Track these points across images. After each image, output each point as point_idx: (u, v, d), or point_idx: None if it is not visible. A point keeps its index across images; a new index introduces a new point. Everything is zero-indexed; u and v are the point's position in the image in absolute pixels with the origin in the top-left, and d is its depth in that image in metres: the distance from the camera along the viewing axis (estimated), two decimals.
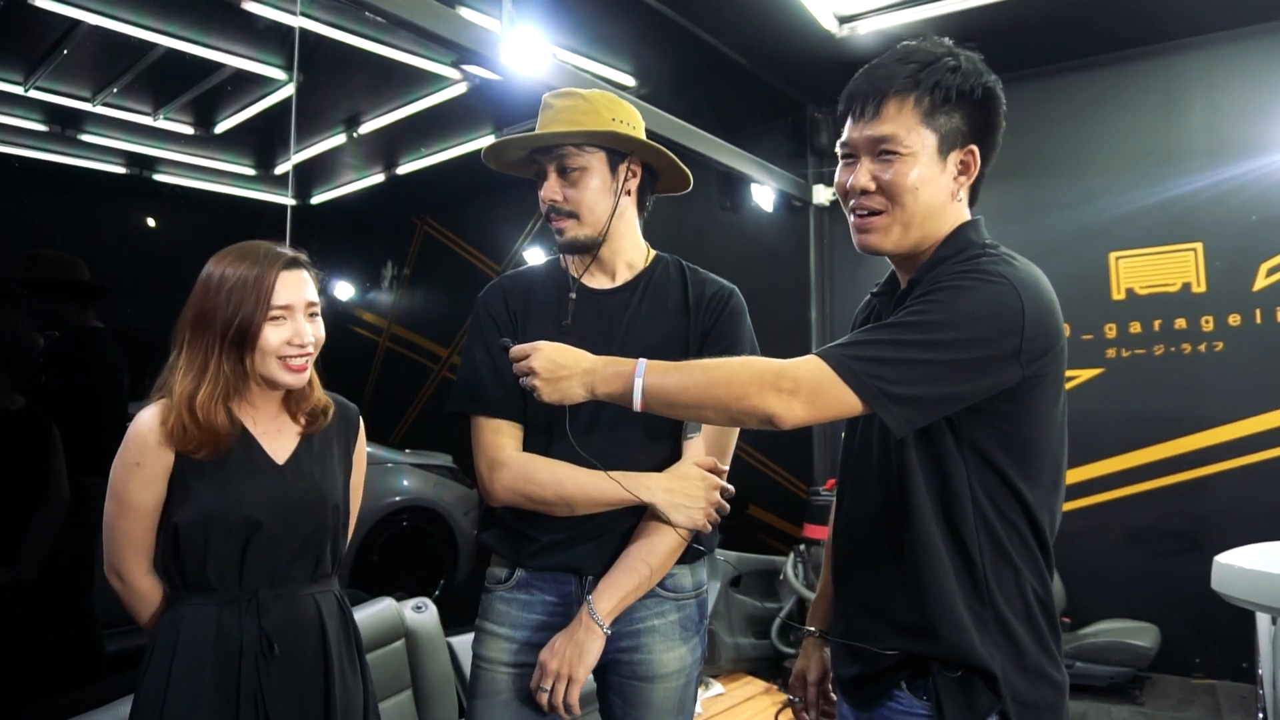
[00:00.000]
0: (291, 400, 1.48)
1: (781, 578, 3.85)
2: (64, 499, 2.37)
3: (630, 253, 1.52)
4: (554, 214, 1.45)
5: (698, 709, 3.17)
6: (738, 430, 1.47)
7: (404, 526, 4.45)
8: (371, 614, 2.33)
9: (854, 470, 1.24)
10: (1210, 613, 3.43)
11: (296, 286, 1.40)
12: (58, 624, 2.48)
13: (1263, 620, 2.43)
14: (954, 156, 1.15)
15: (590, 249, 1.47)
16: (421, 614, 2.43)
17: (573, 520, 1.41)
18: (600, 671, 1.47)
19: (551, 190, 1.44)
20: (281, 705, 1.35)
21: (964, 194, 1.18)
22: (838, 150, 1.22)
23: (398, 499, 4.51)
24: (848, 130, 1.18)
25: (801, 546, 3.81)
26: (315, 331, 1.43)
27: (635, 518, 1.42)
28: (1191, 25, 3.87)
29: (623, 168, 1.48)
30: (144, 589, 1.40)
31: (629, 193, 1.49)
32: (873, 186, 1.15)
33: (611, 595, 1.38)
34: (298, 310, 1.40)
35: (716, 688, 3.45)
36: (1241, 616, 3.01)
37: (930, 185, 1.14)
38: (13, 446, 2.33)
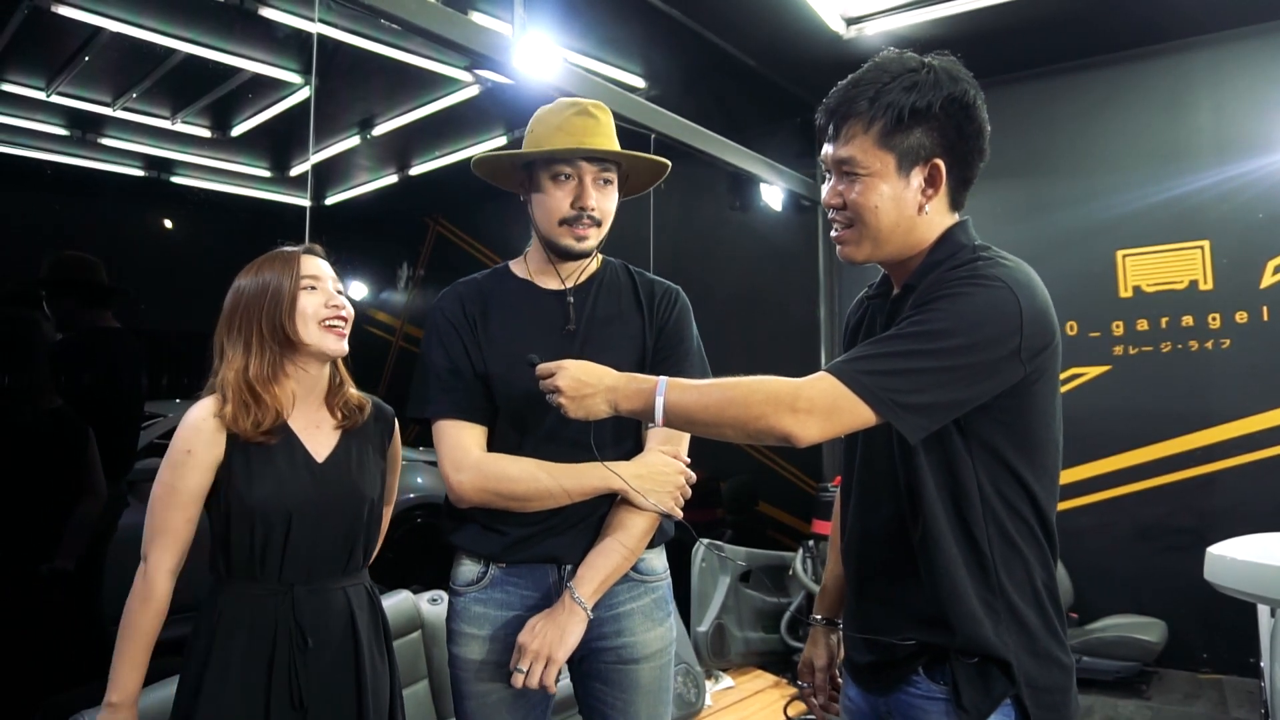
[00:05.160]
0: (331, 395, 1.55)
1: (791, 573, 3.89)
2: (102, 494, 2.43)
3: (593, 258, 1.60)
4: (586, 221, 1.49)
5: (708, 701, 3.22)
6: None
7: (418, 523, 4.52)
8: (389, 606, 2.37)
9: (860, 473, 1.28)
10: (1217, 608, 3.44)
11: (320, 265, 1.52)
12: (71, 618, 2.54)
13: (1264, 613, 2.46)
14: (917, 172, 1.19)
15: (590, 256, 1.55)
16: (437, 606, 2.48)
17: (546, 512, 1.45)
18: (581, 661, 1.50)
19: (594, 197, 1.49)
20: (316, 693, 1.41)
21: (936, 204, 1.21)
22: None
23: (412, 496, 4.57)
24: (822, 151, 1.25)
25: (810, 542, 3.86)
26: (346, 302, 1.51)
27: (607, 505, 1.47)
28: (1198, 24, 3.89)
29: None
30: (161, 589, 1.38)
31: None
32: (840, 203, 1.21)
33: (592, 578, 1.42)
34: (325, 281, 1.50)
35: (726, 681, 3.50)
36: (1247, 612, 3.04)
37: (892, 202, 1.19)
38: (52, 444, 2.40)
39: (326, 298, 1.48)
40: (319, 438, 1.51)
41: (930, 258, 1.21)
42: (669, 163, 1.58)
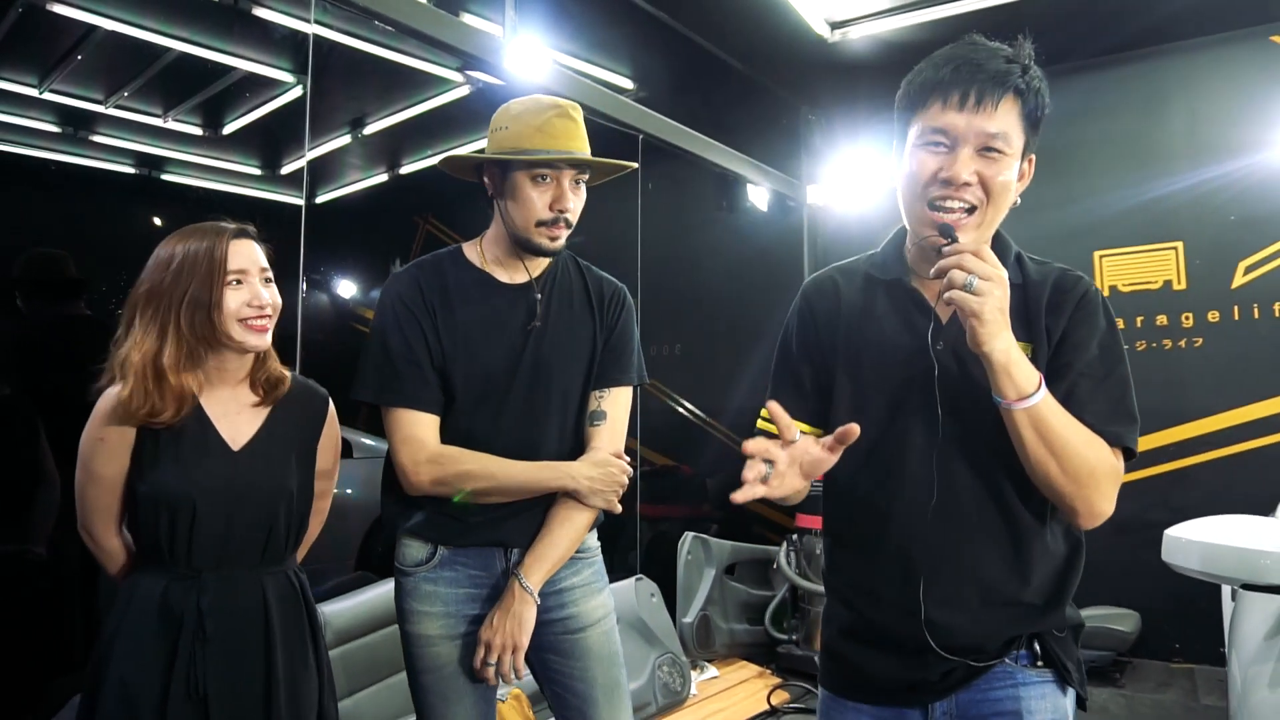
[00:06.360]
0: (255, 371, 1.50)
1: (775, 566, 3.96)
2: (56, 479, 2.46)
3: None
4: (562, 223, 1.53)
5: (693, 690, 3.29)
6: (629, 413, 1.63)
7: None
8: (380, 594, 2.44)
9: (943, 462, 1.16)
10: (1190, 600, 3.55)
11: (248, 254, 1.45)
12: (64, 610, 2.58)
13: (1227, 599, 2.55)
14: (1024, 164, 1.18)
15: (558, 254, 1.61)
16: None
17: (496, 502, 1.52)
18: (531, 636, 1.56)
19: (571, 200, 1.53)
20: (217, 682, 1.38)
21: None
22: (920, 132, 1.14)
23: None
24: (945, 116, 1.11)
25: (794, 536, 3.92)
26: (271, 296, 1.46)
27: (553, 494, 1.55)
28: (1172, 31, 3.99)
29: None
30: (112, 547, 1.49)
31: None
32: (974, 181, 1.11)
33: (539, 567, 1.51)
34: (252, 275, 1.44)
35: (711, 671, 3.56)
36: (1217, 603, 3.12)
37: (1013, 188, 1.15)
38: (2, 432, 2.41)
39: (251, 295, 1.43)
40: (238, 423, 1.48)
41: (1012, 252, 1.22)
42: (635, 164, 1.64)
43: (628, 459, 1.58)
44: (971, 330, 1.03)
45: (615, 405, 1.61)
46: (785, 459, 1.04)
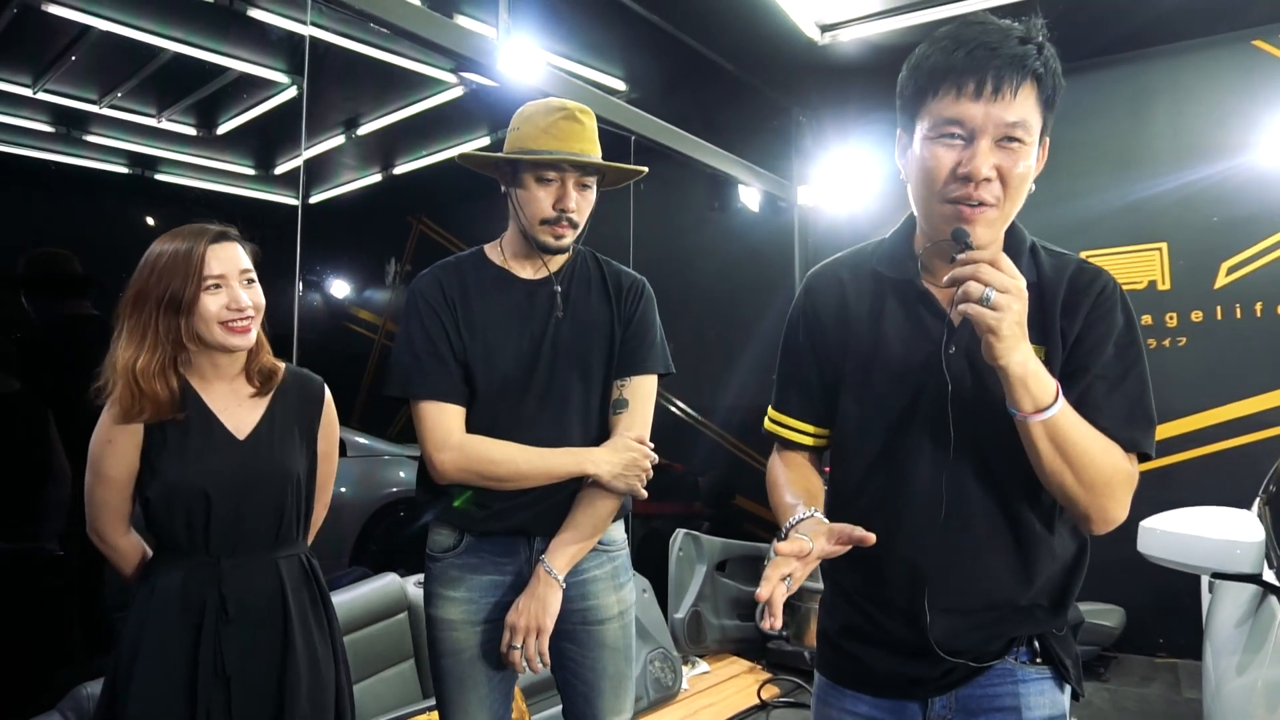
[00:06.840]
0: (249, 363, 1.55)
1: (766, 563, 3.99)
2: (67, 474, 2.48)
3: None
4: (565, 222, 1.57)
5: (684, 685, 3.33)
6: (653, 402, 1.65)
7: (401, 516, 4.59)
8: (377, 588, 2.48)
9: (953, 475, 1.14)
10: (1173, 595, 3.60)
11: (228, 257, 1.48)
12: (71, 603, 2.60)
13: (1205, 591, 2.61)
14: (1040, 148, 1.11)
15: (566, 252, 1.65)
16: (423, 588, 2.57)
17: (519, 489, 1.55)
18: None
19: (574, 201, 1.56)
20: (239, 662, 1.45)
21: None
22: (933, 123, 1.08)
23: (395, 490, 4.65)
24: (961, 106, 1.05)
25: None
26: (253, 297, 1.50)
27: (576, 482, 1.58)
28: (1157, 35, 4.04)
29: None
30: (124, 547, 1.54)
31: None
32: (994, 176, 1.06)
33: (564, 553, 1.55)
34: (232, 278, 1.48)
35: (702, 666, 3.60)
36: (1199, 598, 3.17)
37: (1031, 177, 1.09)
38: (9, 427, 2.44)
39: (230, 299, 1.46)
40: (240, 414, 1.53)
41: (1023, 245, 1.18)
42: (645, 169, 1.68)
43: (651, 445, 1.60)
44: (988, 345, 1.00)
45: (637, 394, 1.63)
46: (802, 567, 1.04)
